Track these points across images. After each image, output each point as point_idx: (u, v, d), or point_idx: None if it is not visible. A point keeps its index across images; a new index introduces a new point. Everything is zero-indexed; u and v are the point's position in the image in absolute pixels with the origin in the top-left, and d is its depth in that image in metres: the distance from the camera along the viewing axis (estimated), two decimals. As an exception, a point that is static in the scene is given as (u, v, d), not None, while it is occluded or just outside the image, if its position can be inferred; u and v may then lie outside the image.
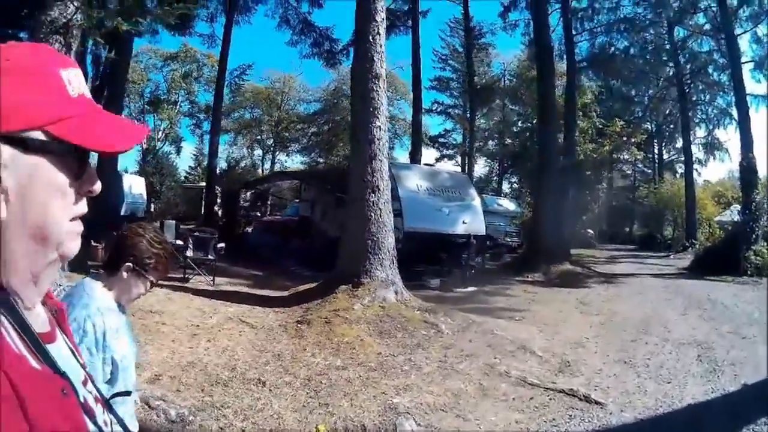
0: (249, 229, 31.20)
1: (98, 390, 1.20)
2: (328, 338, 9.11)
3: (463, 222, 19.68)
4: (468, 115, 44.49)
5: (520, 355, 9.24)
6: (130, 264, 2.42)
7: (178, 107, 54.84)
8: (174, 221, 20.74)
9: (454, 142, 60.34)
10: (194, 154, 58.47)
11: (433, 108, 57.22)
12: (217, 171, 33.40)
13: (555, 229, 23.52)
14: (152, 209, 42.99)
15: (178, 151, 57.61)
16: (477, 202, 21.19)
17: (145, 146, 54.16)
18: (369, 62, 11.98)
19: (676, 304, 15.42)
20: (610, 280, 20.86)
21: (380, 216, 11.62)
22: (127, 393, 2.29)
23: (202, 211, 32.76)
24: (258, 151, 63.12)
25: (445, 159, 59.61)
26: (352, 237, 12.00)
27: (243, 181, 31.57)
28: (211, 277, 14.67)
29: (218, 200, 34.13)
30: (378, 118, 11.71)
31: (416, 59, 32.06)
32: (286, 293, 13.55)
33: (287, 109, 59.31)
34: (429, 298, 13.60)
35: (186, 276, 14.59)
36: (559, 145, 30.98)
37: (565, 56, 34.69)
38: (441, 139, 59.32)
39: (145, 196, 37.07)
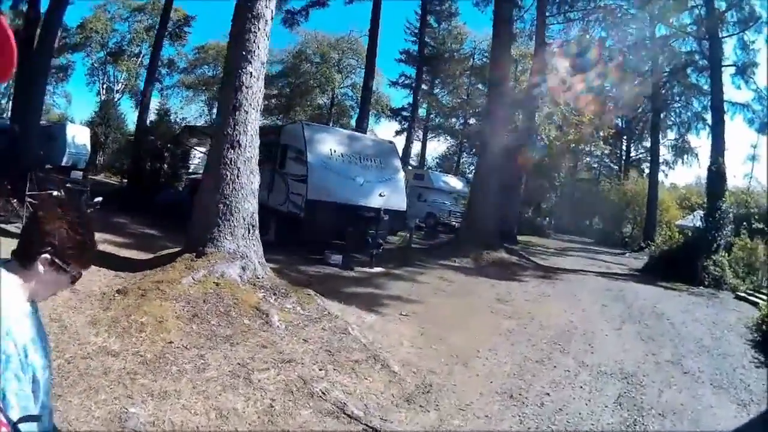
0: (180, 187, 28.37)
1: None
2: (127, 314, 7.22)
3: (380, 195, 17.01)
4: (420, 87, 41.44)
5: (363, 369, 7.00)
6: (48, 256, 1.91)
7: (140, 60, 53.05)
8: (81, 172, 18.23)
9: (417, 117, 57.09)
10: (156, 109, 55.29)
11: (400, 80, 54.96)
12: (147, 124, 29.91)
13: (494, 213, 21.35)
14: (98, 161, 41.67)
15: (137, 105, 53.87)
16: (400, 174, 18.38)
17: (103, 97, 51.70)
18: (251, -1, 9.90)
19: (612, 314, 12.72)
20: (548, 275, 18.21)
21: (238, 177, 9.68)
22: (36, 417, 1.80)
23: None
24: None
25: (405, 132, 56.88)
26: (204, 199, 10.01)
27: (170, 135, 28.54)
28: None
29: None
30: (251, 63, 9.78)
31: (374, 27, 29.91)
32: (151, 256, 11.11)
33: None
34: (315, 276, 12.62)
35: None
36: (518, 126, 29.82)
37: (534, 37, 32.73)
38: (404, 113, 56.17)
39: (89, 147, 35.01)
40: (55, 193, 13.51)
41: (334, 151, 16.81)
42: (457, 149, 60.07)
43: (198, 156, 37.08)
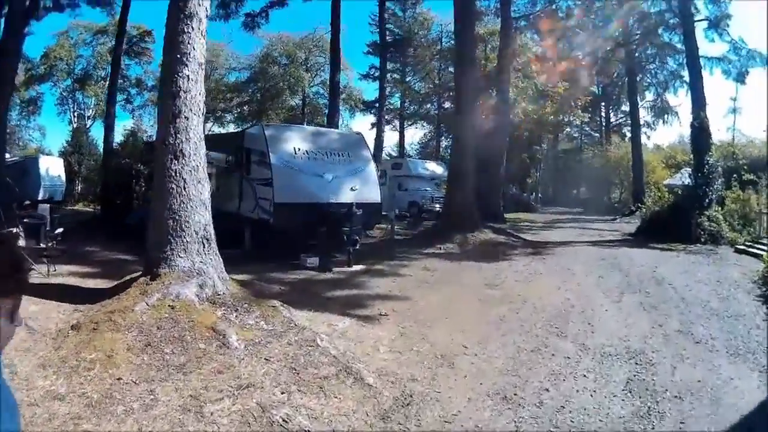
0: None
1: None
2: (77, 351, 6.44)
3: (351, 189, 16.12)
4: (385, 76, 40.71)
5: (332, 386, 6.07)
6: None
7: (107, 83, 49.25)
8: (48, 205, 18.01)
9: (391, 107, 57.91)
10: (127, 131, 54.40)
11: (370, 72, 53.98)
12: (114, 146, 28.90)
13: (474, 194, 20.47)
14: (75, 191, 40.80)
15: (109, 129, 53.24)
16: (371, 166, 17.43)
17: (75, 125, 50.82)
18: (182, -4, 9.14)
19: (610, 285, 11.80)
20: (538, 251, 17.31)
21: (184, 188, 8.83)
22: None
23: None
24: None
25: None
26: (154, 216, 9.15)
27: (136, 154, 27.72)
28: (46, 267, 12.11)
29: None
30: (187, 66, 8.96)
31: (335, 20, 28.61)
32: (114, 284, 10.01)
33: (216, 79, 55.32)
34: (290, 283, 11.89)
35: (30, 267, 11.68)
36: (491, 104, 29.60)
37: (500, 13, 32.17)
38: (377, 105, 54.56)
39: (63, 178, 34.58)
40: (14, 230, 12.81)
41: (299, 150, 15.90)
42: (435, 134, 59.14)
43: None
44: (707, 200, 19.03)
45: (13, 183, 25.31)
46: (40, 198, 29.02)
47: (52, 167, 33.57)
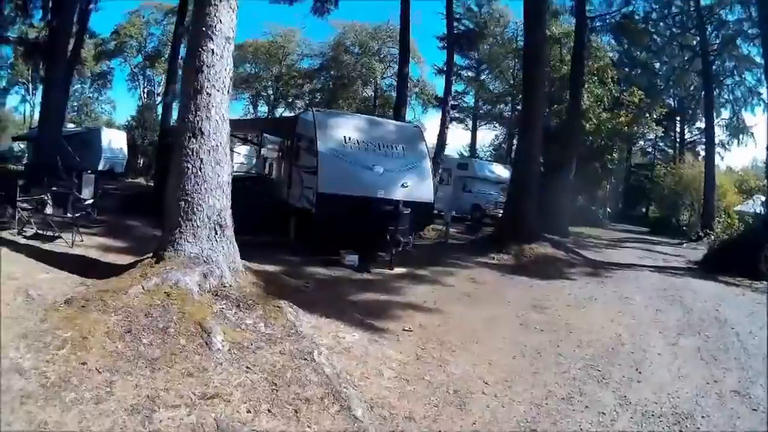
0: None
1: None
2: (59, 328, 6.10)
3: (403, 185, 15.21)
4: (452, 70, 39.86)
5: (310, 412, 5.37)
6: None
7: (179, 62, 51.58)
8: (93, 175, 18.30)
9: (465, 105, 57.49)
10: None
11: (445, 68, 51.73)
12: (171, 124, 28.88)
13: (537, 203, 19.32)
14: (137, 164, 41.64)
15: (168, 107, 54.46)
16: (426, 162, 16.37)
17: (144, 101, 51.78)
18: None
19: (668, 323, 10.64)
20: (598, 272, 16.10)
21: (200, 169, 8.44)
22: None
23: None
24: (264, 107, 60.00)
25: (454, 122, 55.76)
26: (168, 197, 8.76)
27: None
28: (74, 237, 12.08)
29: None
30: (212, 39, 8.54)
31: (405, 10, 26.94)
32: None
33: (288, 64, 56.82)
34: (321, 280, 11.39)
35: (55, 235, 12.11)
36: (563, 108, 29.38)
37: (575, 12, 31.00)
38: (451, 102, 53.51)
39: (125, 151, 35.54)
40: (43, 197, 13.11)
41: (349, 139, 15.11)
42: (507, 136, 57.24)
43: (243, 154, 36.47)
44: None
45: (74, 152, 25.69)
46: (100, 168, 29.88)
47: (115, 140, 34.48)
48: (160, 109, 51.70)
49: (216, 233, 8.44)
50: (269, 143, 23.57)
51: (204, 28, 8.48)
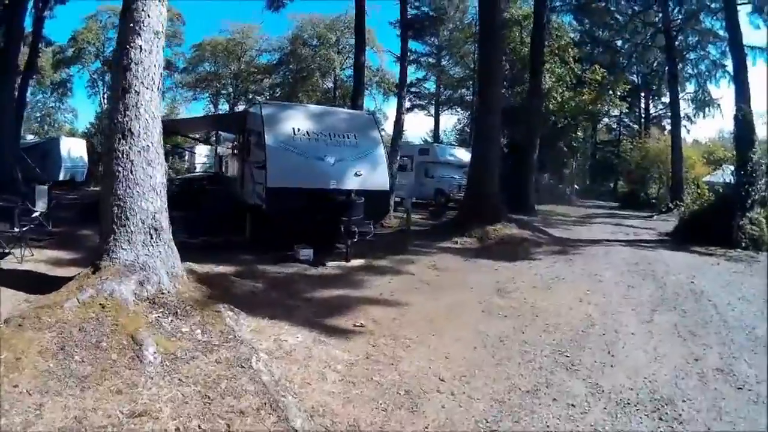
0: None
1: None
2: None
3: (356, 175, 14.51)
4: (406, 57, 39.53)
5: (244, 426, 4.82)
6: None
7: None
8: (46, 186, 17.21)
9: (427, 91, 57.52)
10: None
11: (407, 56, 51.13)
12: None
13: (498, 182, 18.70)
14: (99, 172, 40.38)
15: None
16: (379, 149, 15.60)
17: (104, 107, 51.05)
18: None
19: (641, 298, 9.98)
20: (566, 250, 15.41)
21: (132, 171, 7.95)
22: None
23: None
24: (225, 106, 58.59)
25: (416, 109, 57.38)
26: (102, 202, 8.30)
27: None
28: (23, 252, 11.52)
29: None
30: (140, 35, 8.13)
31: None
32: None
33: (247, 61, 56.25)
34: (274, 279, 10.76)
35: (4, 251, 11.42)
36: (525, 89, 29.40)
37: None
38: (413, 89, 54.88)
39: (86, 159, 34.86)
40: None
41: (299, 130, 14.38)
42: (470, 120, 56.67)
43: (204, 154, 35.57)
44: (750, 201, 17.00)
45: (34, 164, 25.35)
46: (60, 179, 29.48)
47: (74, 148, 33.90)
48: None
49: (152, 238, 7.98)
50: (225, 141, 22.84)
51: (132, 24, 8.05)
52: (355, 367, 6.30)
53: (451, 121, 62.29)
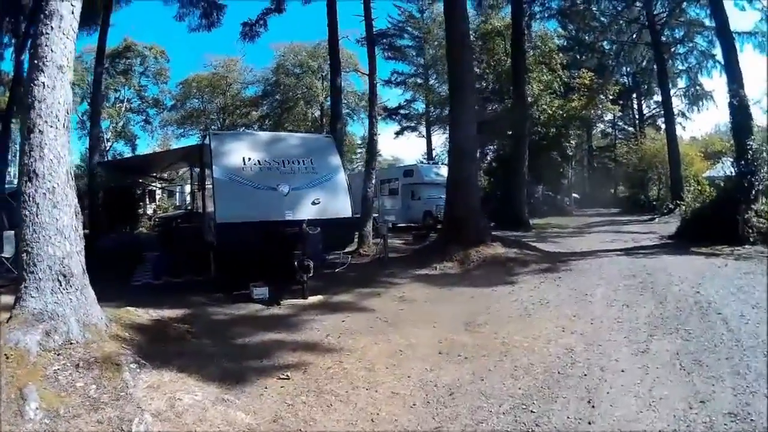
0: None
1: None
2: None
3: (314, 203, 13.34)
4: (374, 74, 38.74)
5: None
6: None
7: (124, 104, 53.07)
8: (13, 232, 15.59)
9: (416, 112, 56.64)
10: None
11: (392, 78, 53.25)
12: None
13: (478, 200, 17.33)
14: (85, 213, 40.18)
15: (133, 149, 54.53)
16: (340, 175, 14.29)
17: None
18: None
19: (637, 321, 8.29)
20: (556, 267, 13.67)
21: (37, 215, 7.43)
22: None
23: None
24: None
25: (407, 131, 56.94)
26: (18, 249, 7.93)
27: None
28: None
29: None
30: (43, 71, 7.65)
31: (332, 19, 24.28)
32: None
33: (233, 94, 55.78)
34: (220, 321, 9.78)
35: None
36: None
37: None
38: (402, 111, 55.27)
39: None
40: None
41: (248, 160, 13.30)
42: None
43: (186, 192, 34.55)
44: (754, 192, 15.73)
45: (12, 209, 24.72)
46: None
47: None
48: (120, 152, 51.89)
49: (60, 284, 7.38)
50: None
51: (36, 60, 7.72)
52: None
53: (441, 140, 61.74)
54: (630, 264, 13.31)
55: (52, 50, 7.72)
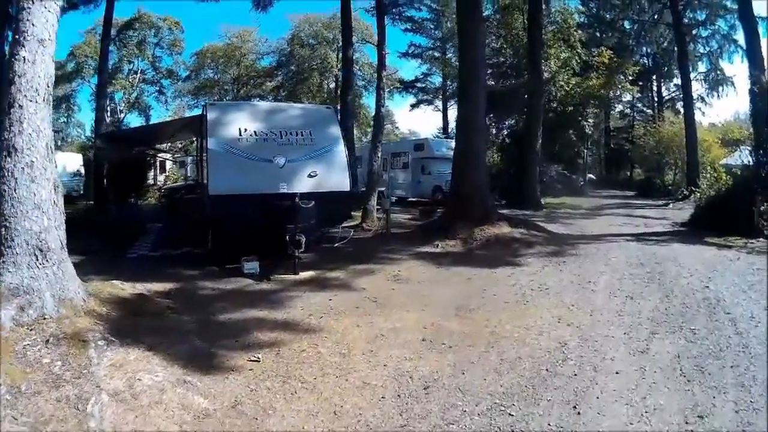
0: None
1: None
2: None
3: (310, 175, 12.89)
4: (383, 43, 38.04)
5: None
6: None
7: (138, 75, 52.75)
8: None
9: (433, 86, 55.83)
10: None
11: (410, 51, 52.35)
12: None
13: (485, 177, 16.62)
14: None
15: (147, 120, 53.98)
16: (339, 146, 13.77)
17: (108, 119, 50.66)
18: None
19: (640, 315, 7.72)
20: (562, 250, 13.08)
21: (15, 190, 7.28)
22: None
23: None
24: None
25: (423, 104, 56.43)
26: None
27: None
28: None
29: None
30: (24, 46, 7.49)
31: None
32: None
33: (247, 65, 55.18)
34: (207, 296, 9.50)
35: None
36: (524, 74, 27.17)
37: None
38: (418, 84, 54.64)
39: (83, 173, 34.43)
40: None
41: (245, 131, 12.94)
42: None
43: (192, 162, 34.34)
44: None
45: None
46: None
47: (70, 164, 33.58)
48: (133, 123, 51.78)
49: (37, 259, 7.31)
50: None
51: (17, 35, 7.60)
52: (206, 419, 4.88)
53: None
54: (639, 251, 12.74)
55: (33, 24, 7.59)
